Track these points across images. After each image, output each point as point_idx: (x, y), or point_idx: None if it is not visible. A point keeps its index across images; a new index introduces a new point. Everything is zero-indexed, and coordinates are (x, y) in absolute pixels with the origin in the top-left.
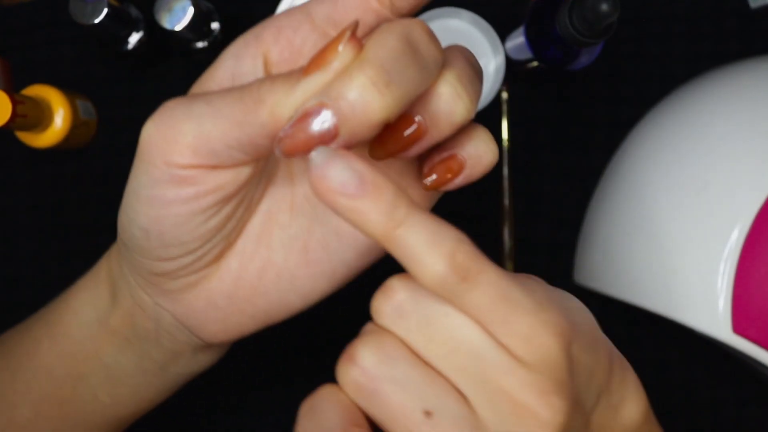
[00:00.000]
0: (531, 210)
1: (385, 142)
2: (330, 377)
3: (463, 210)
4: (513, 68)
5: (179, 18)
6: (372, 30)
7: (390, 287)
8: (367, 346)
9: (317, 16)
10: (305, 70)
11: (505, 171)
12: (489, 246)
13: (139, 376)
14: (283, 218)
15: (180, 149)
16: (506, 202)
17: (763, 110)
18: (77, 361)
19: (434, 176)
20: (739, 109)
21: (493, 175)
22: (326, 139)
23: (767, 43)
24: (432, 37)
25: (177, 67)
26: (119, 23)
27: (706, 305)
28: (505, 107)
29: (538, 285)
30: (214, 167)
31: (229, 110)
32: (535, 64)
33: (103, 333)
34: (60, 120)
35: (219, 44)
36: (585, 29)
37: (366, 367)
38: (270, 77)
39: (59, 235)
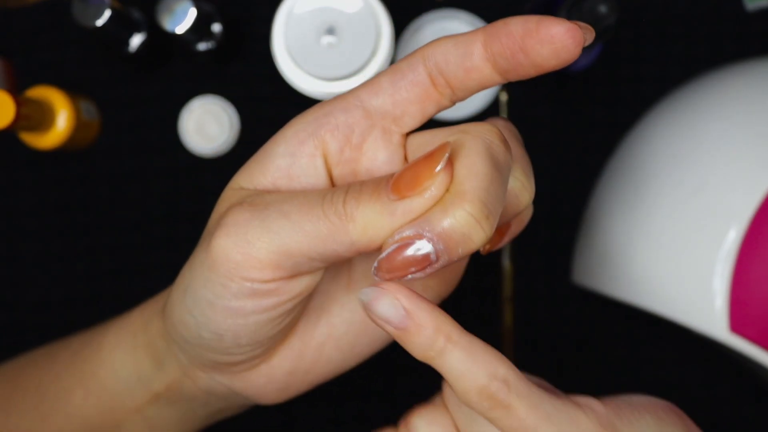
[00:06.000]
0: None
1: None
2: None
3: None
4: None
5: (181, 20)
6: (431, 117)
7: None
8: (422, 418)
9: (374, 110)
10: (397, 191)
11: None
12: None
13: (181, 425)
14: (341, 296)
15: (261, 266)
16: None
17: (760, 111)
18: (115, 412)
19: (488, 245)
20: (736, 111)
21: None
22: (425, 265)
23: (763, 45)
24: (506, 143)
25: (179, 69)
26: (121, 25)
27: (703, 305)
28: (504, 109)
29: (582, 415)
30: (294, 276)
31: (312, 227)
32: None
33: (146, 393)
34: (63, 121)
35: (220, 46)
36: None
37: None
38: (351, 190)
39: (62, 237)
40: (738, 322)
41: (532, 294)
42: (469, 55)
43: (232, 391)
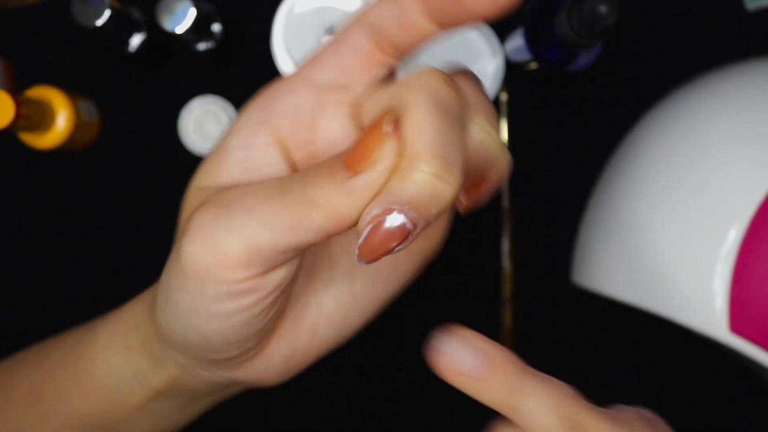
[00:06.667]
0: (530, 211)
1: None
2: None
3: None
4: (512, 70)
5: (180, 20)
6: (384, 83)
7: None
8: None
9: (321, 85)
10: (351, 167)
11: None
12: (488, 246)
13: (185, 413)
14: (325, 274)
15: (232, 266)
16: (505, 202)
17: (760, 111)
18: (115, 409)
19: (467, 203)
20: (736, 111)
21: None
22: (405, 236)
23: (763, 44)
24: (451, 82)
25: (179, 69)
26: (121, 25)
27: (703, 305)
28: (504, 109)
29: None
30: (269, 271)
31: (277, 219)
32: (534, 65)
33: (145, 390)
34: (63, 121)
35: (220, 46)
36: (583, 31)
37: None
38: (308, 174)
39: (62, 237)
40: (738, 322)
41: (532, 294)
42: (404, 11)
43: (234, 381)
